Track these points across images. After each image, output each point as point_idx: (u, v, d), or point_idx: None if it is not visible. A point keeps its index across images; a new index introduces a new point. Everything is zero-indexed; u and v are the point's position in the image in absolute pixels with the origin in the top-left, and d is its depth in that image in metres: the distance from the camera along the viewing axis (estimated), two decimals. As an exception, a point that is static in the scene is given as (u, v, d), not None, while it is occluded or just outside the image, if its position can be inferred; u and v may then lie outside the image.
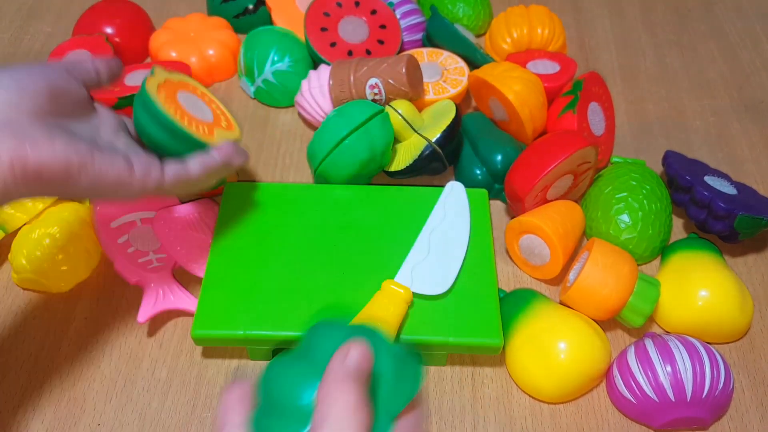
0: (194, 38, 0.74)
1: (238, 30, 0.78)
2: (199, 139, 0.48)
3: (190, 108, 0.50)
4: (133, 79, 0.67)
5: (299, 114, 0.71)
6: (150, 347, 0.55)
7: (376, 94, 0.64)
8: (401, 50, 0.75)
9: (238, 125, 0.55)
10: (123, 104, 0.63)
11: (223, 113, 0.55)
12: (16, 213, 0.57)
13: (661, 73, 0.77)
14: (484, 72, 0.64)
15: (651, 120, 0.72)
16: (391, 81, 0.63)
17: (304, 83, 0.68)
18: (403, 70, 0.62)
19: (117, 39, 0.74)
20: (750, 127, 0.71)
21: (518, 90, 0.61)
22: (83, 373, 0.53)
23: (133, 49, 0.76)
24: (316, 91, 0.66)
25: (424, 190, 0.60)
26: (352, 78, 0.64)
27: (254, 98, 0.73)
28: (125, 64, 0.70)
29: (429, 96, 0.67)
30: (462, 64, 0.70)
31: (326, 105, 0.66)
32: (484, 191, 0.59)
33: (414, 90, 0.64)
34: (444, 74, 0.69)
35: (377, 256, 0.55)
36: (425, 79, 0.67)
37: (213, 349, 0.54)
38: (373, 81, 0.63)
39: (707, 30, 0.82)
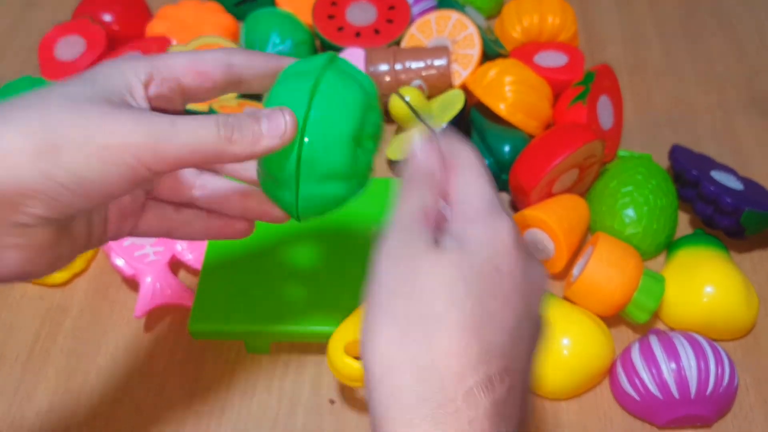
0: (192, 25, 0.73)
1: (239, 19, 0.77)
2: None
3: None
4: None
5: None
6: (147, 340, 0.54)
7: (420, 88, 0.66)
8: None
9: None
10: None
11: None
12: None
13: (669, 66, 0.76)
14: (475, 82, 0.64)
15: (658, 114, 0.71)
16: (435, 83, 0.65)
17: None
18: (449, 71, 0.65)
19: (115, 27, 0.73)
20: (758, 122, 0.70)
21: (508, 100, 0.61)
22: (79, 366, 0.53)
23: (132, 38, 0.75)
24: None
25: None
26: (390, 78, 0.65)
27: None
28: (124, 52, 0.70)
29: None
30: (472, 29, 0.68)
31: None
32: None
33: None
34: (453, 48, 0.68)
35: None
36: (436, 63, 0.66)
37: (210, 342, 0.54)
38: (416, 83, 0.65)
39: (715, 24, 0.81)
